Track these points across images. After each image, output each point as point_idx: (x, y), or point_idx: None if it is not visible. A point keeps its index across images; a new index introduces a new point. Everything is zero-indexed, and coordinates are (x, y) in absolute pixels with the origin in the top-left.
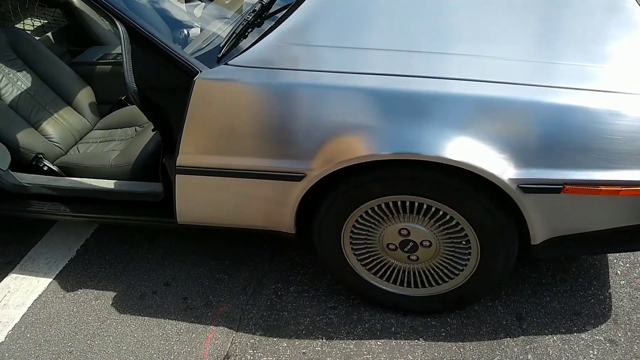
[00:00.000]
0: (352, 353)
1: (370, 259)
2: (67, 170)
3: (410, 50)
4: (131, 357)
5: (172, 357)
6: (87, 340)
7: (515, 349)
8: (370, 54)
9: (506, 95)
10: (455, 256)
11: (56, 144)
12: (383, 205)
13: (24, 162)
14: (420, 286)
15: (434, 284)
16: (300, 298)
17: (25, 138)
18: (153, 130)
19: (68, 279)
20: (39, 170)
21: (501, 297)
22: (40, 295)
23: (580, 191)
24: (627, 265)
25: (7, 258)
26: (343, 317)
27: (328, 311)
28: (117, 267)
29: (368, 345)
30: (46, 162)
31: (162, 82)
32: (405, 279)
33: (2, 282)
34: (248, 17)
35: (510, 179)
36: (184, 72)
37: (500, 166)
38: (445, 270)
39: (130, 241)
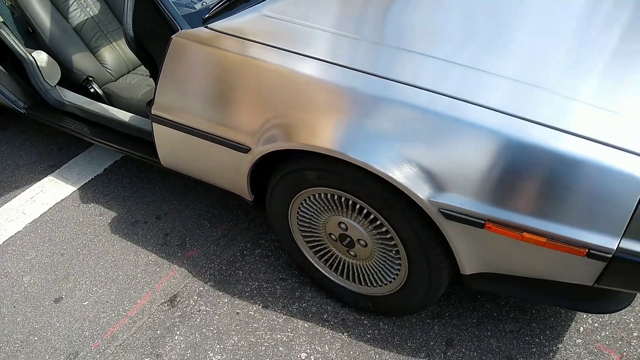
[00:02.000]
0: (277, 327)
1: (315, 243)
2: (109, 96)
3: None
4: (102, 272)
5: (133, 283)
6: (78, 248)
7: None
8: (340, 40)
9: (447, 113)
10: (387, 264)
11: (108, 70)
12: (323, 195)
13: (76, 82)
14: (356, 282)
15: (368, 284)
16: (259, 262)
17: (80, 60)
18: (150, 77)
19: (87, 192)
20: (86, 92)
21: (443, 317)
22: (62, 200)
23: (502, 232)
24: (596, 324)
25: (52, 161)
26: (287, 290)
27: (277, 281)
28: (127, 192)
29: (294, 324)
30: (94, 85)
31: (153, 33)
32: (345, 271)
33: (40, 181)
34: None
35: (431, 201)
36: (169, 26)
37: (423, 186)
38: (378, 275)
39: (148, 172)
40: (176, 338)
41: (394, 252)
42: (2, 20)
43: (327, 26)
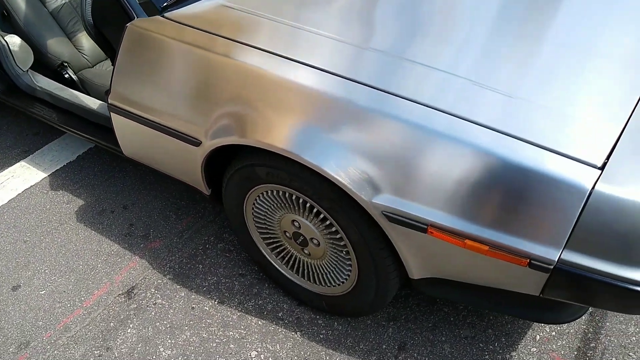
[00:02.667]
0: (230, 323)
1: (271, 240)
2: (83, 82)
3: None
4: (63, 262)
5: (92, 273)
6: (42, 236)
7: None
8: (314, 38)
9: (397, 113)
10: (339, 264)
11: (85, 55)
12: (276, 192)
13: (51, 67)
14: (311, 281)
15: (322, 284)
16: (221, 256)
17: (55, 45)
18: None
19: (58, 179)
20: (61, 77)
21: (399, 319)
22: (31, 186)
23: (445, 238)
24: (553, 333)
25: (26, 147)
26: (245, 287)
27: (236, 277)
28: (98, 180)
29: (248, 321)
30: (69, 71)
31: (111, 20)
32: (300, 269)
33: (12, 166)
34: None
35: (374, 204)
36: (126, 14)
37: (367, 188)
38: (331, 275)
39: (121, 161)
40: (128, 331)
41: (344, 252)
42: None
43: (287, 19)
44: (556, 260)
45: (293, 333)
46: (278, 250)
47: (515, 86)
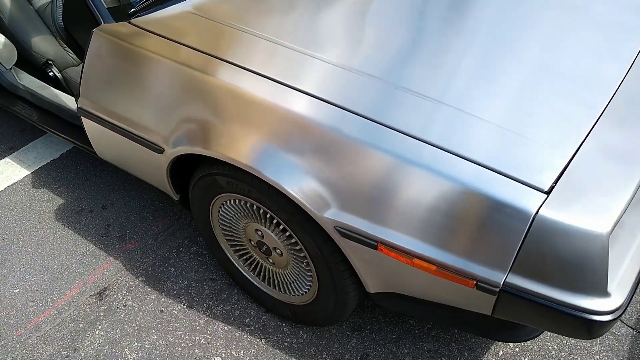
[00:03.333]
0: (197, 328)
1: (237, 247)
2: (67, 81)
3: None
4: (38, 260)
5: (66, 273)
6: (20, 234)
7: None
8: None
9: (348, 131)
10: (301, 275)
11: (70, 54)
12: (238, 201)
13: (35, 65)
14: (276, 289)
15: (286, 293)
16: (193, 260)
17: (40, 43)
18: None
19: (40, 177)
20: (46, 75)
21: (364, 330)
22: (13, 183)
23: (394, 255)
24: (517, 349)
25: (12, 143)
26: (214, 292)
27: (206, 282)
28: (80, 179)
29: (215, 327)
30: (54, 69)
31: (80, 25)
32: (266, 277)
33: None
34: None
35: (327, 219)
36: (94, 19)
37: (321, 203)
38: (294, 284)
39: (102, 160)
40: (97, 333)
41: (304, 264)
42: None
43: (254, 29)
44: (502, 283)
45: (258, 340)
46: (245, 257)
47: (467, 103)
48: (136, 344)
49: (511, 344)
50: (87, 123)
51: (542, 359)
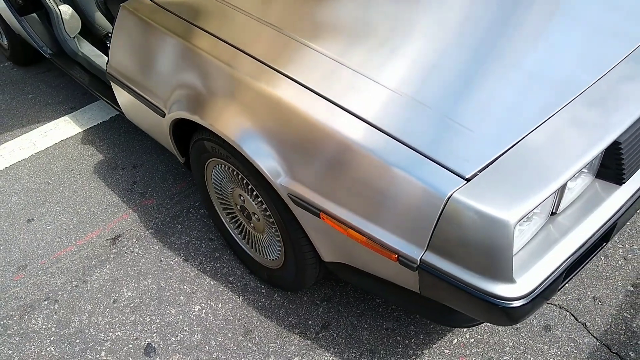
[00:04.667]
0: (187, 279)
1: (228, 209)
2: None
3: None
4: (72, 205)
5: (92, 218)
6: (62, 181)
7: (292, 348)
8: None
9: (302, 107)
10: (273, 240)
11: None
12: (223, 166)
13: (98, 37)
14: (257, 252)
15: (263, 256)
16: (199, 221)
17: (102, 17)
18: None
19: (89, 135)
20: (105, 47)
21: (333, 301)
22: (67, 138)
23: (332, 224)
24: (472, 340)
25: (74, 103)
26: (210, 250)
27: (205, 240)
28: (121, 140)
29: (202, 280)
30: None
31: (117, 1)
32: (249, 239)
33: (57, 119)
34: None
35: (281, 185)
36: None
37: (277, 172)
38: (268, 249)
39: None
40: (104, 271)
41: (274, 229)
42: None
43: (258, 14)
44: (419, 260)
45: (236, 296)
46: (234, 220)
47: (415, 90)
48: (133, 284)
49: (467, 334)
50: (115, 87)
51: (495, 353)
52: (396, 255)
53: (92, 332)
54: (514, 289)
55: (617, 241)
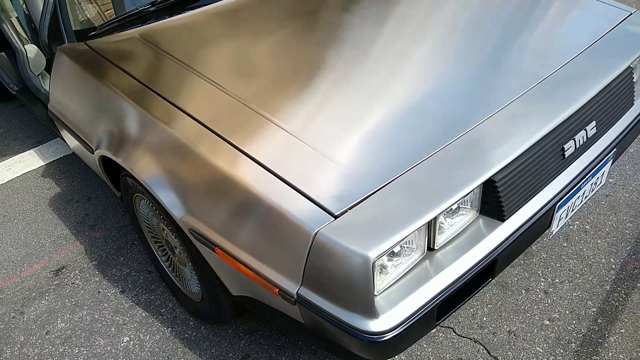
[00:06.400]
0: (121, 310)
1: (158, 243)
2: None
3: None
4: (22, 237)
5: (40, 250)
6: (18, 214)
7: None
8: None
9: (192, 143)
10: (193, 273)
11: None
12: (146, 201)
13: None
14: (183, 285)
15: (189, 289)
16: (141, 254)
17: None
18: None
19: (51, 168)
20: None
21: (256, 334)
22: (29, 172)
23: (226, 259)
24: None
25: (41, 137)
26: (147, 282)
27: (144, 273)
28: (80, 173)
29: (135, 311)
30: None
31: (58, 42)
32: (177, 273)
33: (23, 153)
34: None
35: (182, 220)
36: (61, 37)
37: (181, 208)
38: (192, 282)
39: None
40: (42, 302)
41: (190, 264)
42: (16, 16)
43: (189, 63)
44: (295, 294)
45: (165, 328)
46: (165, 253)
47: (294, 124)
48: (68, 315)
49: None
50: (58, 125)
51: None
52: (277, 290)
53: None
54: (377, 324)
55: (540, 274)
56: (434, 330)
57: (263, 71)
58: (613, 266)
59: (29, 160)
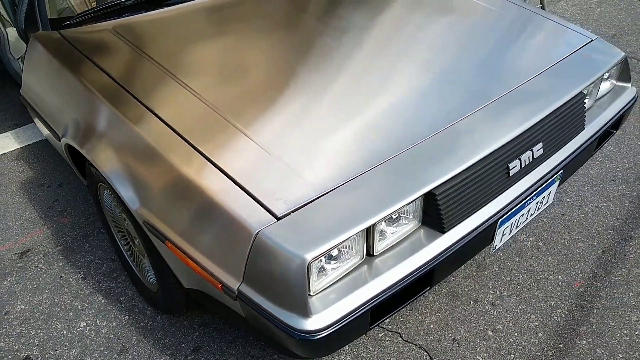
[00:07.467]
0: (80, 296)
1: (120, 232)
2: None
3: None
4: None
5: (6, 232)
6: None
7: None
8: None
9: (150, 138)
10: (149, 264)
11: None
12: (108, 190)
13: None
14: (142, 275)
15: (147, 279)
16: (107, 241)
17: None
18: None
19: (25, 152)
20: None
21: (209, 327)
22: (3, 154)
23: (175, 252)
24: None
25: (17, 121)
26: (109, 270)
27: (107, 261)
28: (54, 158)
29: (94, 297)
30: None
31: (33, 29)
32: (138, 263)
33: (0, 135)
34: None
35: (137, 212)
36: (37, 25)
37: (134, 201)
38: (149, 272)
39: None
40: (4, 283)
41: (146, 254)
42: None
43: (160, 61)
44: (236, 290)
45: (122, 316)
46: (127, 243)
47: (253, 129)
48: (28, 298)
49: None
50: (30, 111)
51: None
52: (220, 285)
53: None
54: (310, 323)
55: (490, 287)
56: (381, 334)
57: (225, 68)
58: (560, 283)
59: (4, 143)
